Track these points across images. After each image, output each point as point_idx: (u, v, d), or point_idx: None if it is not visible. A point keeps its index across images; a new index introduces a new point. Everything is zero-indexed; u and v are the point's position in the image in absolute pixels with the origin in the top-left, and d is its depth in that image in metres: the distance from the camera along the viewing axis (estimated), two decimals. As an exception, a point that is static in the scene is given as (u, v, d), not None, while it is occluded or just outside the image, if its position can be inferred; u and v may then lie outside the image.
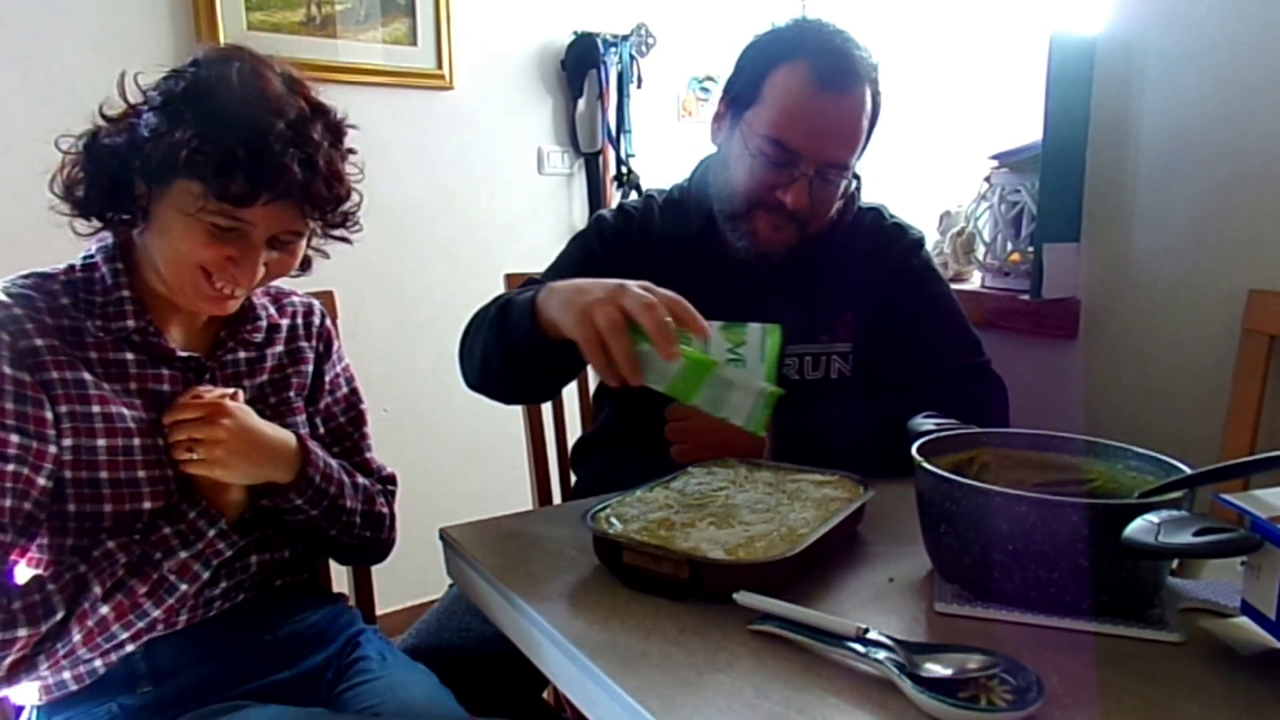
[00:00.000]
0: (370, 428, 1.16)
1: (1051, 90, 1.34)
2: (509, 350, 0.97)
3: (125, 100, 0.91)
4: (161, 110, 0.86)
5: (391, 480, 1.16)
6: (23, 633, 0.81)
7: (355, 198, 0.98)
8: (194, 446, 0.90)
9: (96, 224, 0.93)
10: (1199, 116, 1.24)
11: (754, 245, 1.14)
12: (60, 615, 0.83)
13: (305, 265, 1.03)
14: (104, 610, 0.85)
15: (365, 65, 2.14)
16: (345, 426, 1.13)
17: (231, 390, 0.96)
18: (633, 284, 0.84)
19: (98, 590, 0.84)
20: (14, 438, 0.83)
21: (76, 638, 0.84)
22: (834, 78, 1.06)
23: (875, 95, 1.11)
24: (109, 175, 0.89)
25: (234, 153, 0.83)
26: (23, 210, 0.94)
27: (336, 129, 0.95)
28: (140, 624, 0.87)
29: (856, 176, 1.24)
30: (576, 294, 0.86)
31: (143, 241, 0.93)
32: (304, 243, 0.97)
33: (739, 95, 1.13)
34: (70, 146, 0.91)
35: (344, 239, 1.01)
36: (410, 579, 1.16)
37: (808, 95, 1.06)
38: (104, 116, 0.91)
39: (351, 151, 0.97)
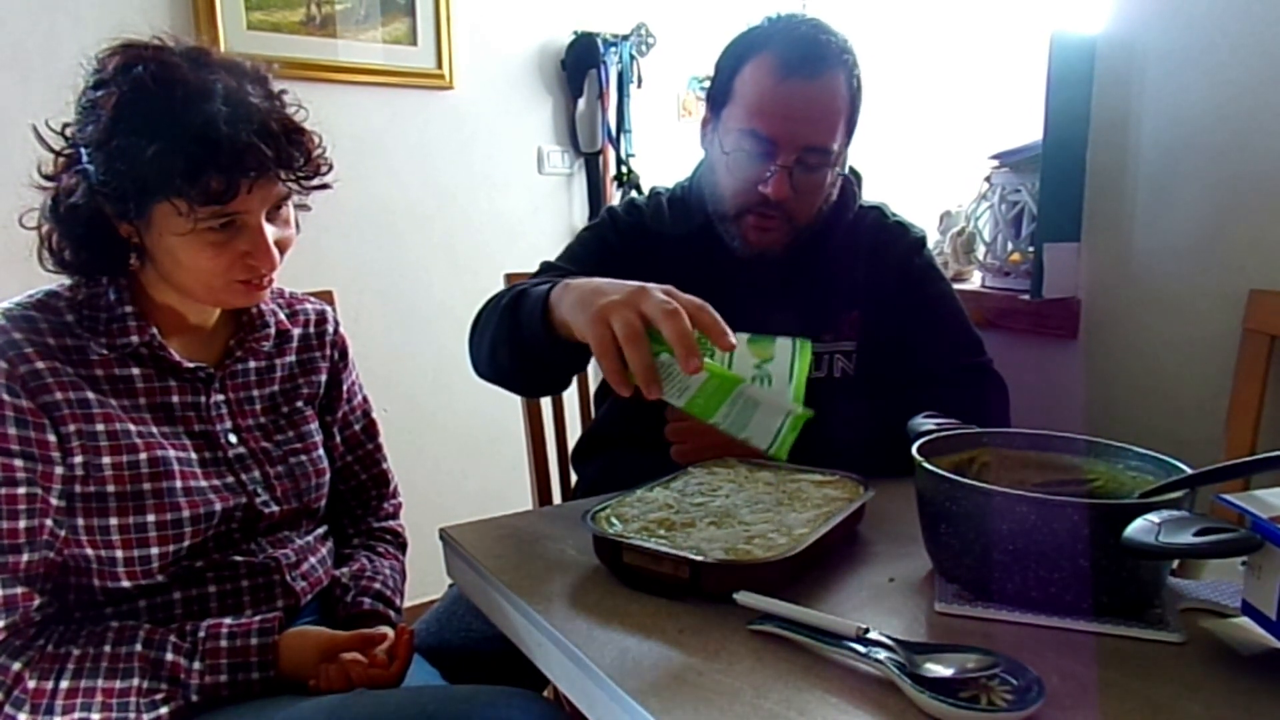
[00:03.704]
0: (383, 437, 1.17)
1: (1051, 90, 1.34)
2: (519, 345, 0.94)
3: (51, 149, 0.89)
4: (100, 148, 0.83)
5: (397, 494, 1.20)
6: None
7: (316, 139, 0.93)
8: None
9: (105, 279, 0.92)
10: (1199, 116, 1.24)
11: (745, 247, 1.14)
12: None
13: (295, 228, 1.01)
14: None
15: (365, 65, 2.14)
16: (359, 435, 1.14)
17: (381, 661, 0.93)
18: (655, 287, 0.77)
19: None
20: (19, 462, 0.83)
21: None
22: (800, 64, 1.05)
23: (852, 79, 1.09)
24: (87, 230, 0.88)
25: (194, 155, 0.81)
26: (22, 209, 0.93)
27: (262, 79, 0.91)
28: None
29: (856, 174, 1.24)
30: (593, 294, 0.79)
31: (156, 274, 0.92)
32: (291, 204, 0.95)
33: (715, 97, 1.14)
34: (38, 219, 0.90)
35: (324, 186, 0.96)
36: (410, 578, 1.16)
37: (774, 83, 1.05)
38: (45, 176, 0.90)
39: (285, 92, 0.92)
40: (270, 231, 0.91)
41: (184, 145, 0.81)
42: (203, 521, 0.91)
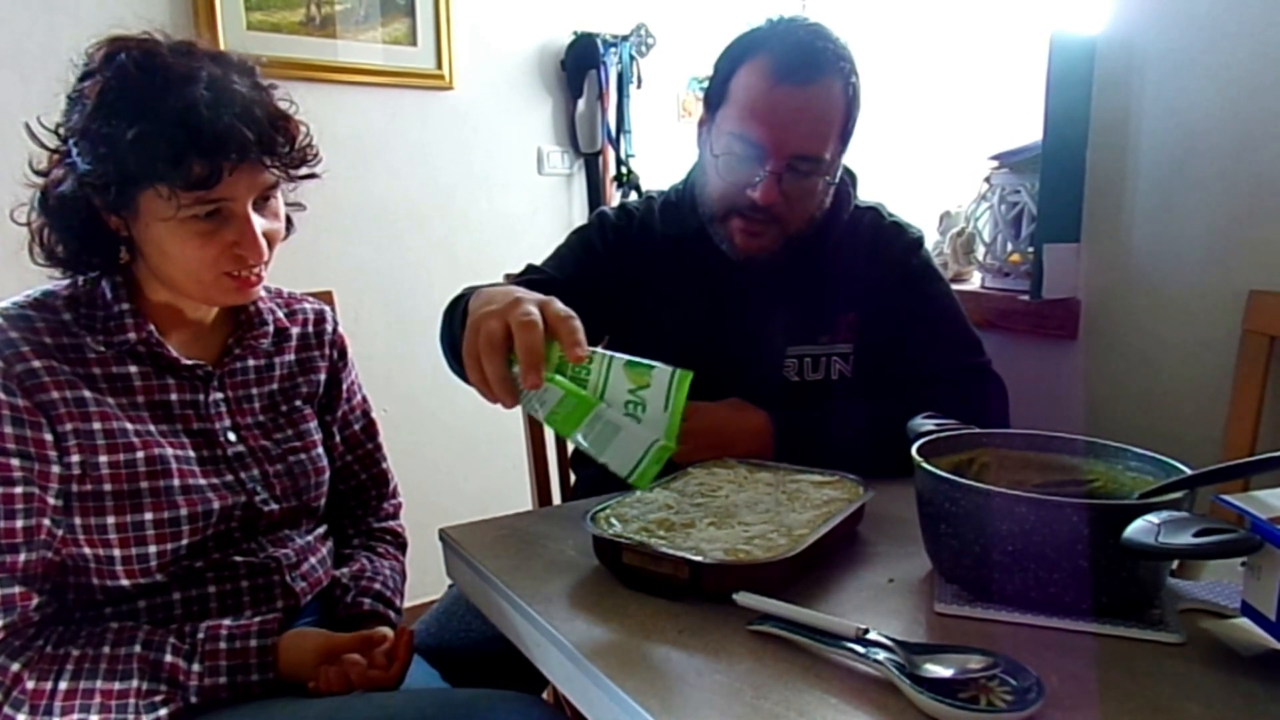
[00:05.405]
0: (383, 437, 1.17)
1: (1051, 90, 1.33)
2: (454, 349, 0.96)
3: (44, 146, 0.89)
4: (85, 138, 0.84)
5: (397, 494, 1.20)
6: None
7: (304, 129, 0.93)
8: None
9: (94, 274, 0.92)
10: (1199, 116, 1.24)
11: (734, 251, 1.13)
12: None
13: (288, 225, 1.01)
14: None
15: (365, 65, 2.14)
16: (359, 434, 1.14)
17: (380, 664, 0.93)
18: (531, 299, 0.77)
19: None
20: (16, 461, 0.83)
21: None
22: (793, 69, 1.04)
23: (848, 87, 1.07)
24: (77, 222, 0.88)
25: (176, 139, 0.81)
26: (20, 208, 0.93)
27: (249, 70, 0.91)
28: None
29: (851, 174, 1.23)
30: (484, 303, 0.80)
31: (146, 268, 0.92)
32: (280, 197, 0.95)
33: (710, 98, 1.13)
34: (27, 214, 0.90)
35: (312, 175, 0.96)
36: (410, 579, 1.16)
37: (767, 88, 1.04)
38: (36, 171, 0.90)
39: (274, 86, 0.93)
40: (258, 223, 0.91)
41: (165, 129, 0.81)
42: (201, 520, 0.91)
